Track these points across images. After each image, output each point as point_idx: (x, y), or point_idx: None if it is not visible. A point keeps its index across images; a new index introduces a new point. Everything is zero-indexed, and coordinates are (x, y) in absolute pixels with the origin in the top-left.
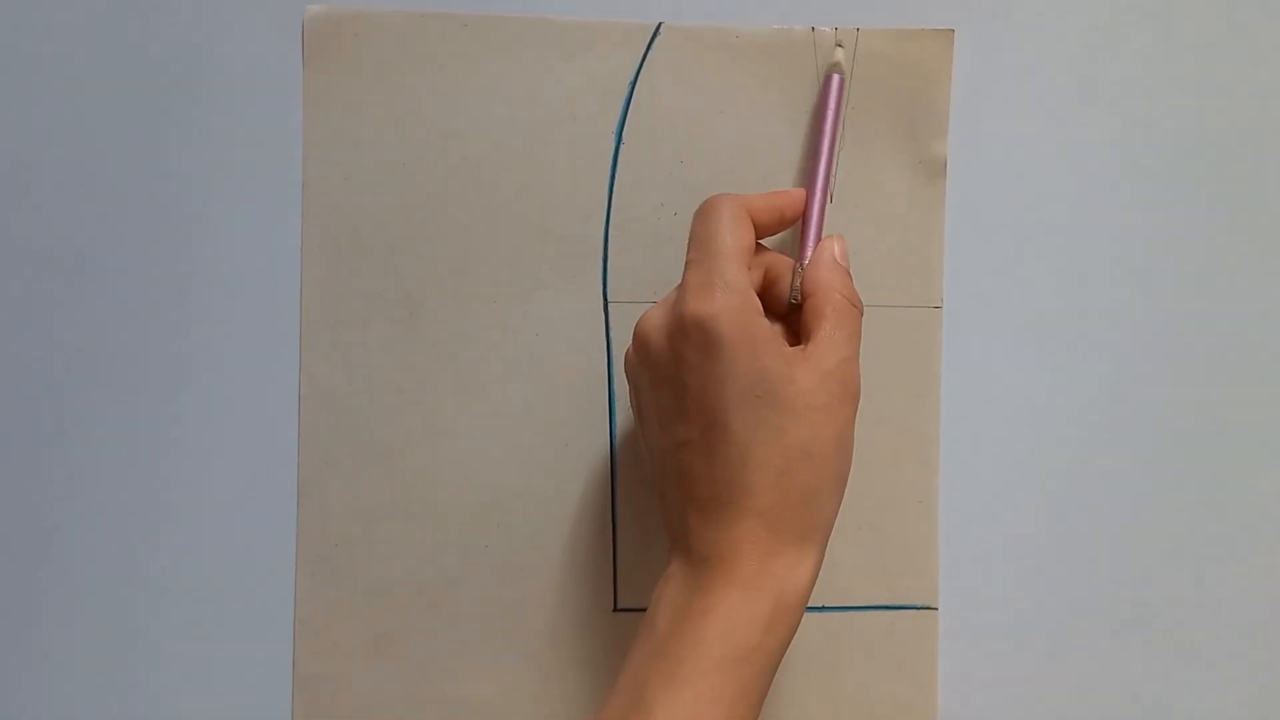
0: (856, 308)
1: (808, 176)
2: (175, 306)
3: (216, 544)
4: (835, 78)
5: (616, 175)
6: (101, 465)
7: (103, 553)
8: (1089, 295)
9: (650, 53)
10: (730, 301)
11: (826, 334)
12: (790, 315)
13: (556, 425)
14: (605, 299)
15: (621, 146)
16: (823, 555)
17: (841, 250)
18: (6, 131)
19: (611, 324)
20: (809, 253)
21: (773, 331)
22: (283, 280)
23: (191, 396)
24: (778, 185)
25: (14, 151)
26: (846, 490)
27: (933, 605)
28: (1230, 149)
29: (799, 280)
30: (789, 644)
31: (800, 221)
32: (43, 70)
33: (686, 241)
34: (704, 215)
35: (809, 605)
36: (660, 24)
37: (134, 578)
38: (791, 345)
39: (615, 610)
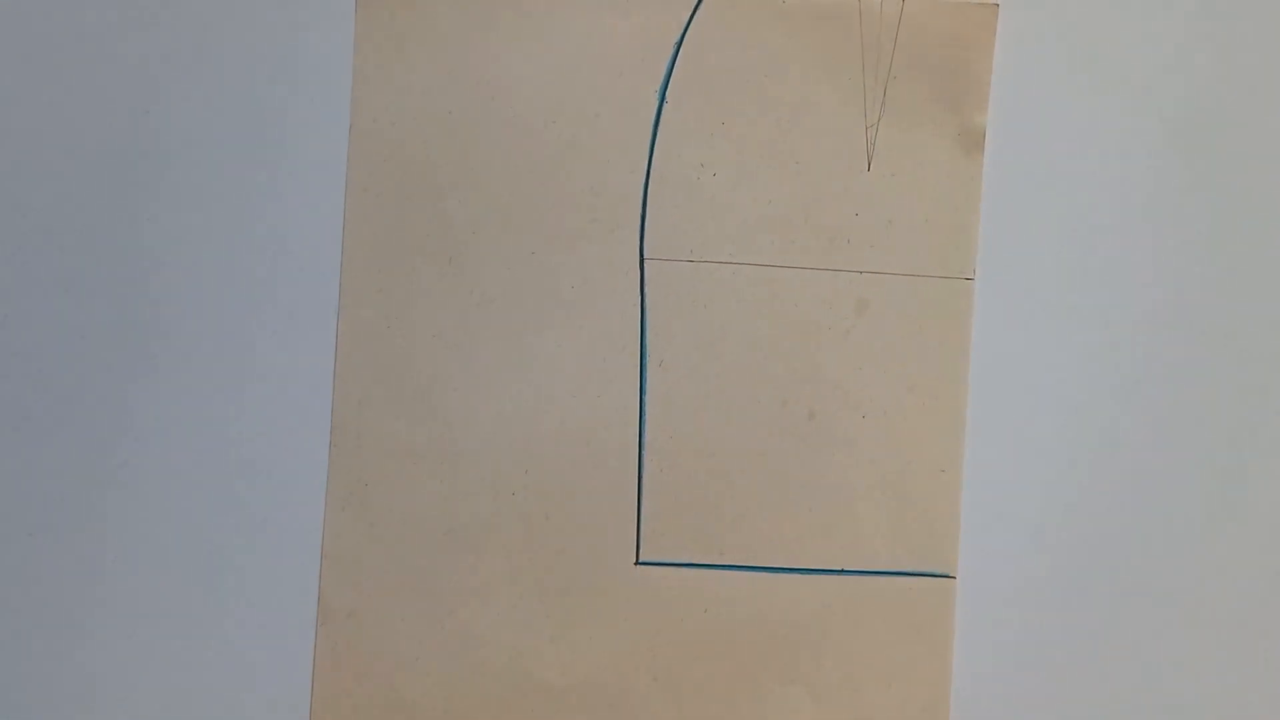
0: None
1: None
2: (216, 243)
3: (248, 475)
4: None
5: (658, 134)
6: (139, 397)
7: (135, 480)
8: (1121, 272)
9: (697, 13)
10: None
11: None
12: None
13: (588, 378)
14: (642, 255)
15: (665, 105)
16: None
17: None
18: (50, 63)
19: (647, 280)
20: None
21: None
22: (325, 220)
23: (229, 330)
24: (815, 150)
25: (56, 90)
26: (871, 455)
27: (951, 574)
28: (1275, 131)
29: None
30: None
31: None
32: (91, 10)
33: (725, 202)
34: None
35: (829, 568)
36: None
37: (165, 503)
38: None
39: (637, 563)
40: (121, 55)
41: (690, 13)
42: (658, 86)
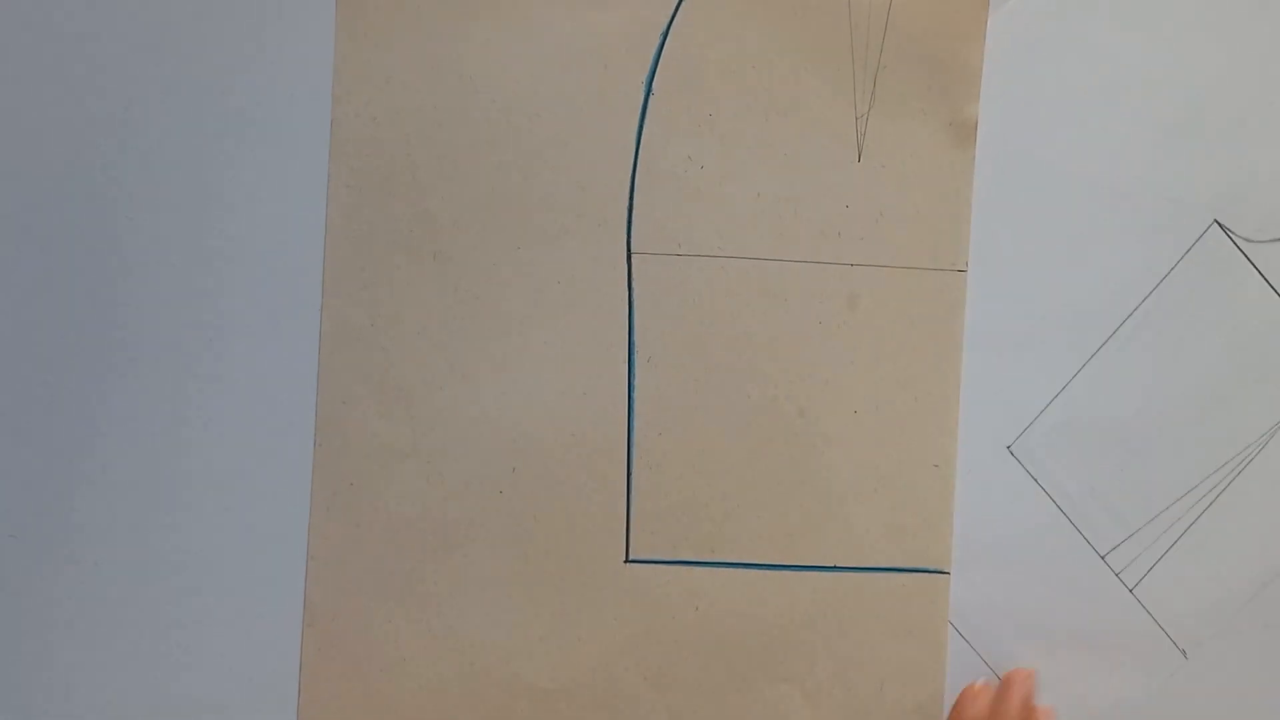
0: None
1: None
2: (198, 241)
3: (232, 477)
4: None
5: (645, 126)
6: (123, 397)
7: (120, 482)
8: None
9: (684, 3)
10: None
11: None
12: None
13: (575, 374)
14: (629, 250)
15: (651, 97)
16: None
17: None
18: (28, 61)
19: (635, 275)
20: None
21: None
22: (307, 218)
23: (212, 330)
24: (805, 142)
25: (33, 88)
26: (863, 451)
27: (945, 569)
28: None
29: None
30: None
31: None
32: (69, 7)
33: (713, 195)
34: None
35: (821, 564)
36: None
37: (150, 505)
38: None
39: (627, 561)
40: (100, 52)
41: (676, 3)
42: (644, 78)
